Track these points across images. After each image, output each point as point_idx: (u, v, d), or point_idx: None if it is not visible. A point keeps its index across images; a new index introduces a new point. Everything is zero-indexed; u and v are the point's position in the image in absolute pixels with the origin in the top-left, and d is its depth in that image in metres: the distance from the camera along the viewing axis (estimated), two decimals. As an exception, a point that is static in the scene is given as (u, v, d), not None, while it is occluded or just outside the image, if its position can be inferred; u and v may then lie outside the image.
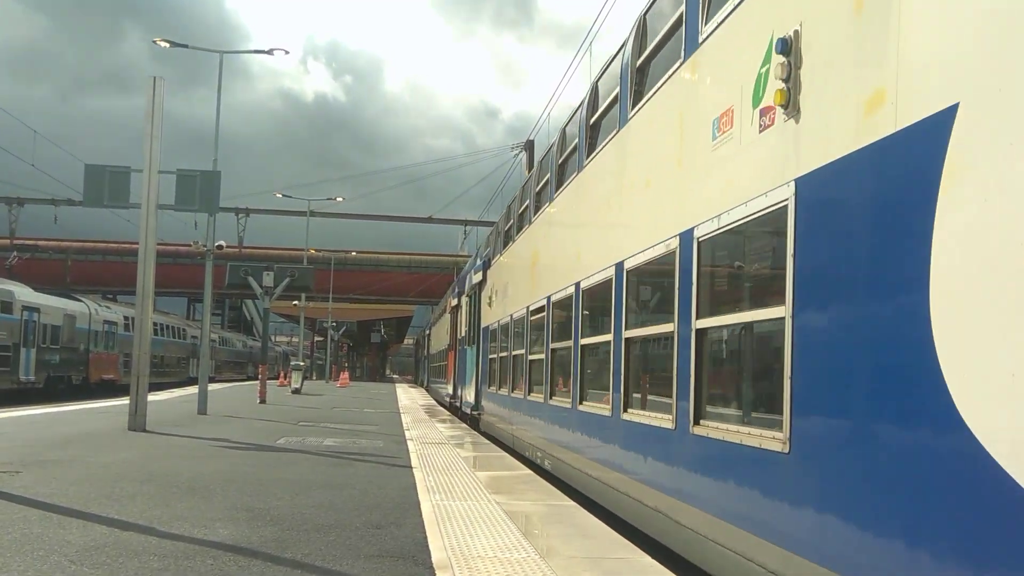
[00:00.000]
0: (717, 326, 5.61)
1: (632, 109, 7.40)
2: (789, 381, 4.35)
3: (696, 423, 5.63)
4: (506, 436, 14.23)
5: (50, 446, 11.30)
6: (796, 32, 4.39)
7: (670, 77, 6.42)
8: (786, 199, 4.40)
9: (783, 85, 4.40)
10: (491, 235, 19.19)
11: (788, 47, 4.39)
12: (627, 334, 7.47)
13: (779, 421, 4.45)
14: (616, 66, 8.09)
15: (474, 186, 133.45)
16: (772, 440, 4.52)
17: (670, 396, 6.09)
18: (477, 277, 18.94)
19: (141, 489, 7.96)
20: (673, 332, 6.07)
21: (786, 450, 4.36)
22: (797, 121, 4.35)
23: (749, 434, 4.85)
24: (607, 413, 7.87)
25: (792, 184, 4.36)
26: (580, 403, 9.02)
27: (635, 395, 7.36)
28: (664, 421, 6.20)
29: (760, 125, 4.73)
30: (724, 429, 5.20)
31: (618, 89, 7.92)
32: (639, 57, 7.31)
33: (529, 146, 30.73)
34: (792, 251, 4.35)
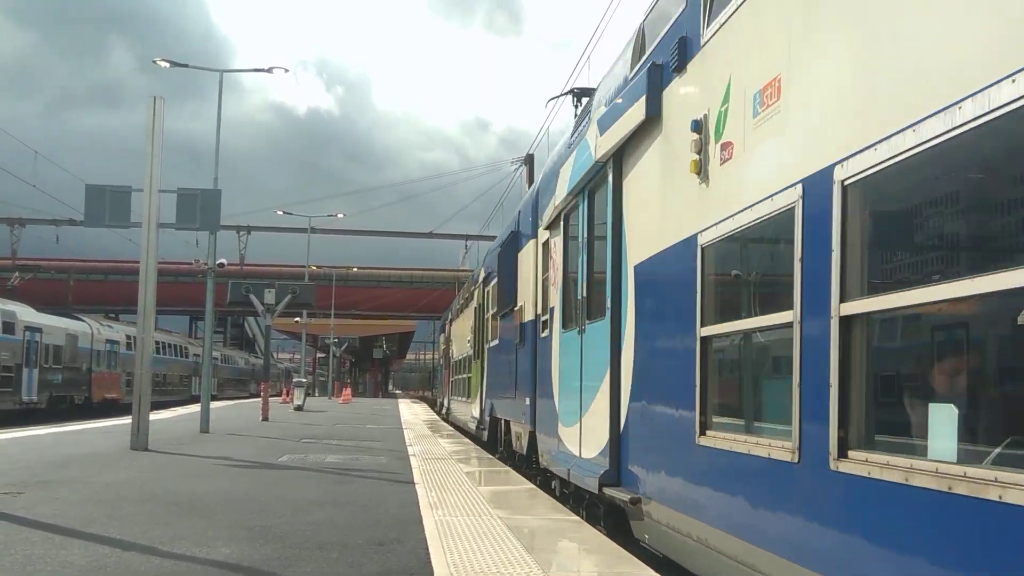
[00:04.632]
0: None
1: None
2: None
3: None
4: None
5: (52, 466, 11.28)
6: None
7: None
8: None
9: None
10: None
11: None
12: None
13: None
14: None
15: (472, 203, 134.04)
16: None
17: None
18: None
19: (143, 509, 7.94)
20: None
21: None
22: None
23: None
24: None
25: None
26: None
27: None
28: None
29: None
30: None
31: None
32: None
33: (529, 160, 30.78)
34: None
